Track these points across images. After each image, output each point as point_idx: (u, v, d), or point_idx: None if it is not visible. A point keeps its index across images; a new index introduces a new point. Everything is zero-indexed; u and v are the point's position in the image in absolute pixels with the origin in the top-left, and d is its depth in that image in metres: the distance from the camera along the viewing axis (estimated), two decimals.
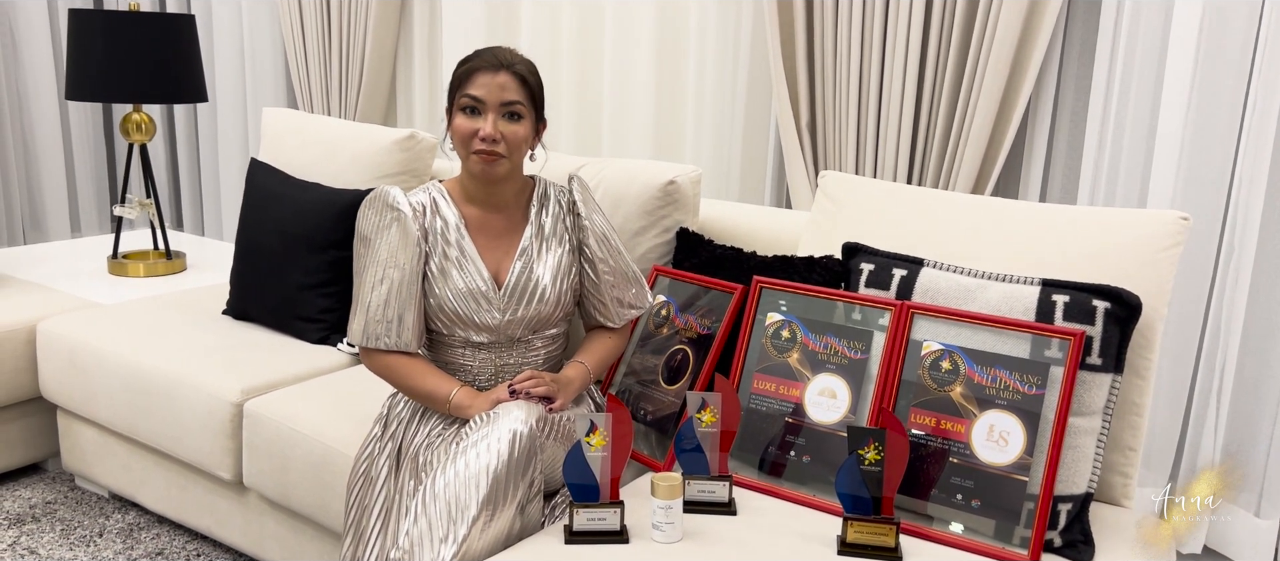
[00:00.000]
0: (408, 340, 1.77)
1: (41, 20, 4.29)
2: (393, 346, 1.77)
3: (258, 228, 2.60)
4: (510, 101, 1.73)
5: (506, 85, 1.73)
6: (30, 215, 4.47)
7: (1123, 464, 1.72)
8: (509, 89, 1.73)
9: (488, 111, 1.73)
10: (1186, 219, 1.67)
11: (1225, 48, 2.12)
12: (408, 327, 1.77)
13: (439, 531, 1.50)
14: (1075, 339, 1.55)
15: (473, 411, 1.72)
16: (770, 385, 1.79)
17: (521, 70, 1.76)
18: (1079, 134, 2.38)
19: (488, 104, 1.72)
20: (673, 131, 2.99)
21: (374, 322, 1.77)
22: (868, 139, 2.50)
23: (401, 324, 1.76)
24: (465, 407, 1.74)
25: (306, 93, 3.76)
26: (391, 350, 1.79)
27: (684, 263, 2.12)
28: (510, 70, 1.74)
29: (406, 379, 1.80)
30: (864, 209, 1.98)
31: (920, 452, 1.62)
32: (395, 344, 1.77)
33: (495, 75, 1.73)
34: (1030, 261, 1.72)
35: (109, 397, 2.42)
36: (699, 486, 1.64)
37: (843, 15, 2.47)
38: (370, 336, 1.78)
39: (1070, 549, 1.56)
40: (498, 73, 1.73)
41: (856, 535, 1.51)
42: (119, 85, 2.97)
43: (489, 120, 1.72)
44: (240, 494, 2.28)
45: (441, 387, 1.77)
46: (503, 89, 1.73)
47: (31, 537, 2.48)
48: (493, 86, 1.72)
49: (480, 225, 1.84)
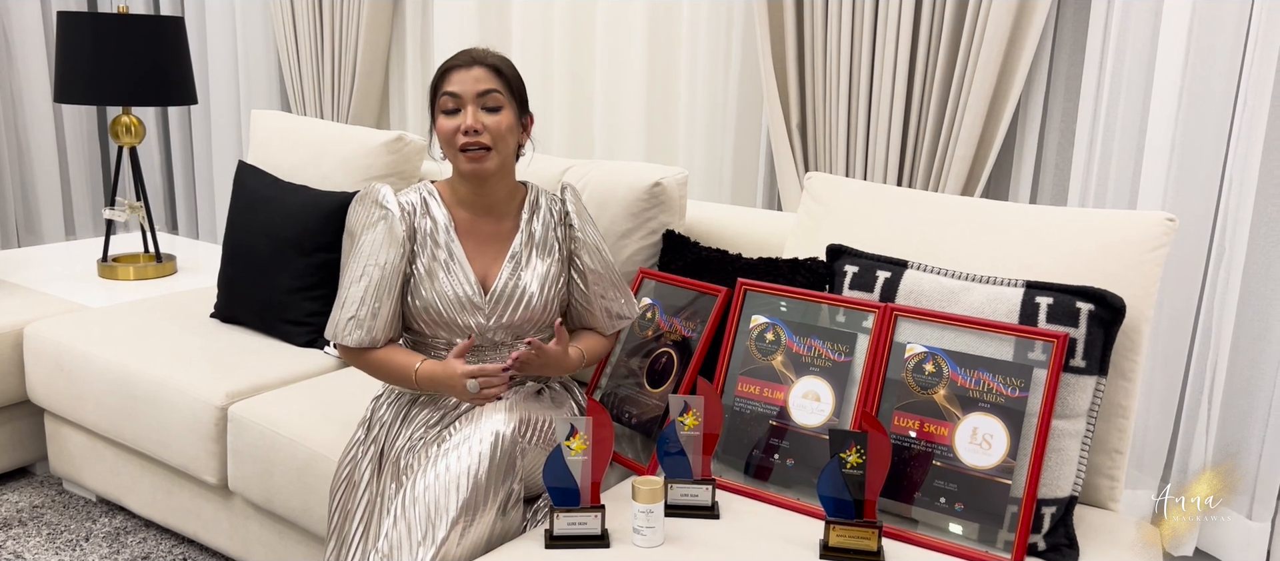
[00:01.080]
0: (376, 336, 1.77)
1: (35, 23, 4.29)
2: (361, 342, 1.77)
3: (245, 230, 2.59)
4: (486, 90, 1.74)
5: (481, 77, 1.74)
6: (24, 218, 4.47)
7: (1109, 467, 1.70)
8: (483, 80, 1.74)
9: (466, 105, 1.74)
10: (1173, 220, 1.66)
11: (1215, 48, 2.11)
12: (381, 322, 1.77)
13: (417, 534, 1.50)
14: (1058, 341, 1.54)
15: (438, 381, 1.70)
16: (754, 388, 1.78)
17: (494, 62, 1.77)
18: (1069, 135, 2.37)
19: (465, 97, 1.74)
20: (665, 134, 2.98)
21: (346, 319, 1.77)
22: (858, 140, 2.49)
23: (374, 319, 1.76)
24: (432, 377, 1.72)
25: (299, 95, 3.75)
26: (361, 346, 1.78)
27: (670, 265, 2.11)
28: (483, 64, 1.76)
29: (378, 367, 1.80)
30: (850, 210, 1.96)
31: (903, 455, 1.61)
32: (364, 339, 1.77)
33: (469, 70, 1.75)
34: (1016, 263, 1.71)
35: (96, 401, 2.41)
36: (681, 490, 1.63)
37: (832, 16, 2.46)
38: (340, 332, 1.78)
39: (1054, 552, 1.55)
40: (471, 68, 1.75)
41: (839, 539, 1.50)
42: (108, 87, 2.96)
43: (469, 113, 1.73)
44: (225, 498, 2.27)
45: (407, 361, 1.76)
46: (477, 81, 1.74)
47: (18, 541, 2.47)
48: (468, 80, 1.74)
49: (470, 229, 1.83)
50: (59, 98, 3.00)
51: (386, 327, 1.78)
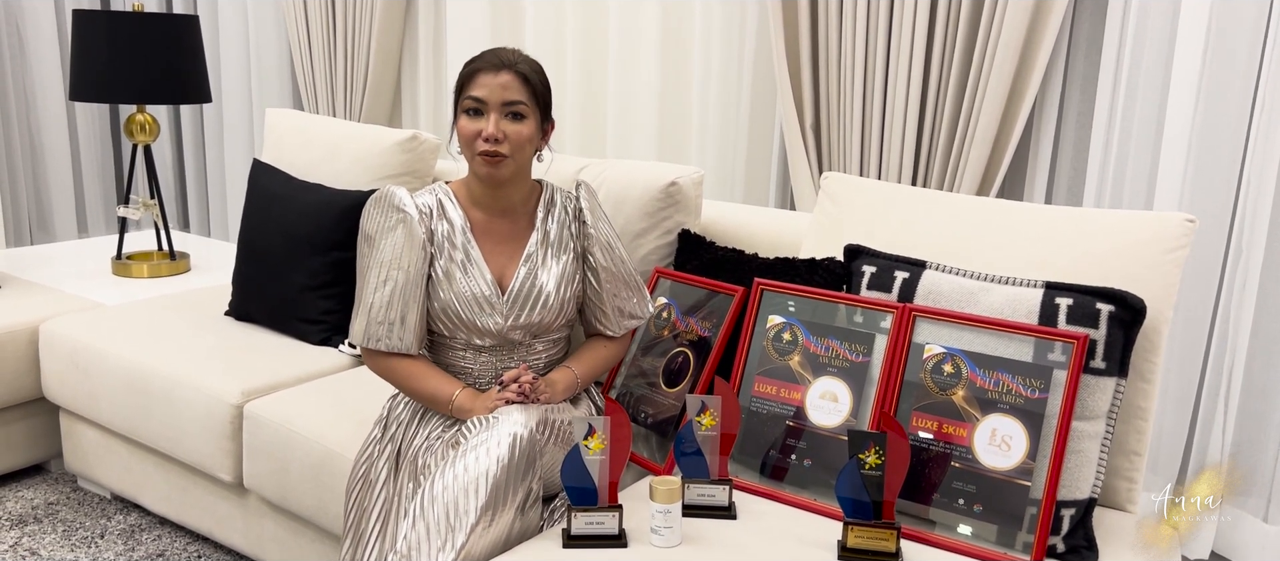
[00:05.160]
0: (409, 342, 1.76)
1: (49, 21, 4.31)
2: (393, 348, 1.77)
3: (260, 229, 2.59)
4: (512, 101, 1.72)
5: (508, 85, 1.71)
6: (37, 216, 4.48)
7: (1127, 468, 1.70)
8: (511, 88, 1.72)
9: (490, 112, 1.71)
10: (1192, 221, 1.65)
11: (1233, 47, 2.09)
12: (409, 329, 1.76)
13: (438, 538, 1.49)
14: (1078, 342, 1.53)
15: (474, 413, 1.71)
16: (771, 388, 1.78)
17: (524, 69, 1.74)
18: (1085, 135, 2.36)
19: (489, 104, 1.71)
20: (678, 133, 2.97)
21: (376, 324, 1.76)
22: (872, 140, 2.48)
23: (403, 325, 1.76)
24: (467, 410, 1.73)
25: (312, 93, 3.76)
26: (392, 352, 1.78)
27: (685, 264, 2.11)
28: (512, 70, 1.72)
29: (408, 380, 1.79)
30: (866, 210, 1.96)
31: (922, 457, 1.60)
32: (396, 345, 1.76)
33: (497, 75, 1.72)
34: (1034, 263, 1.70)
35: (110, 399, 2.42)
36: (698, 490, 1.63)
37: (847, 15, 2.45)
38: (371, 338, 1.77)
39: (1073, 554, 1.54)
40: (499, 73, 1.72)
41: (857, 540, 1.50)
42: (122, 86, 2.97)
43: (491, 120, 1.71)
44: (241, 496, 2.27)
45: (444, 389, 1.76)
46: (505, 89, 1.71)
47: (33, 538, 2.48)
48: (494, 86, 1.71)
49: (486, 229, 1.83)
50: (74, 96, 3.01)
51: (415, 334, 1.77)
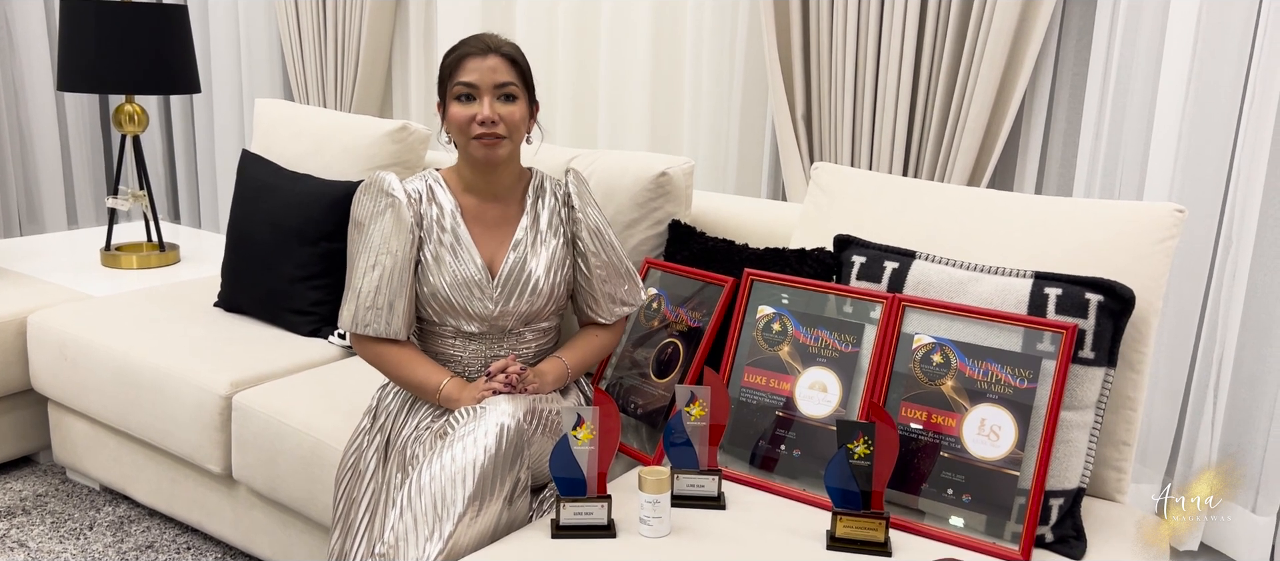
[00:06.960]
0: (397, 328, 1.76)
1: (37, 11, 4.28)
2: (382, 333, 1.77)
3: (249, 219, 2.58)
4: (503, 82, 1.74)
5: (497, 67, 1.73)
6: (26, 207, 4.46)
7: (1116, 459, 1.70)
8: (500, 70, 1.74)
9: (483, 95, 1.73)
10: (1182, 211, 1.65)
11: (1223, 38, 2.10)
12: (398, 315, 1.76)
13: (425, 528, 1.49)
14: (1067, 332, 1.53)
15: (461, 403, 1.70)
16: (761, 378, 1.78)
17: (509, 52, 1.76)
18: (1075, 126, 2.36)
19: (481, 87, 1.73)
20: (670, 124, 2.97)
21: (364, 309, 1.76)
22: (863, 131, 2.48)
23: (391, 311, 1.76)
24: (454, 399, 1.73)
25: (302, 84, 3.74)
26: (381, 337, 1.78)
27: (676, 255, 2.10)
28: (499, 53, 1.75)
29: (396, 367, 1.79)
30: (857, 201, 1.96)
31: (911, 447, 1.60)
32: (384, 331, 1.76)
33: (485, 59, 1.73)
34: (1024, 254, 1.70)
35: (99, 390, 2.41)
36: (688, 480, 1.63)
37: (839, 6, 2.45)
38: (360, 323, 1.77)
39: (1062, 544, 1.54)
40: (487, 56, 1.73)
41: (846, 529, 1.50)
42: (111, 76, 2.95)
43: (485, 103, 1.72)
44: (230, 487, 2.26)
45: (432, 378, 1.76)
46: (494, 71, 1.73)
47: (22, 530, 2.47)
48: (484, 70, 1.72)
49: (476, 214, 1.83)
50: (62, 86, 2.99)
51: (404, 320, 1.77)
